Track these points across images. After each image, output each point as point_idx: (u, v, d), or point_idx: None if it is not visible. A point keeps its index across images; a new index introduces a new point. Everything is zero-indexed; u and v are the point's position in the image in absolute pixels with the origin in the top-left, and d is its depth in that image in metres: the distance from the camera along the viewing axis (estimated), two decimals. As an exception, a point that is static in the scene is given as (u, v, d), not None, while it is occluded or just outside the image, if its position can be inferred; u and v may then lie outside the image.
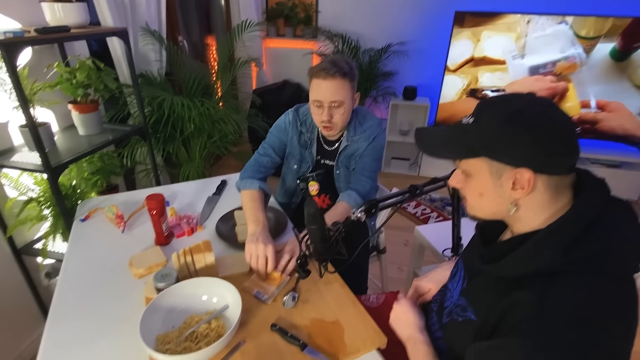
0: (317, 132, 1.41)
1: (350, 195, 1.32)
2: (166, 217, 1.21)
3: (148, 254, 1.13)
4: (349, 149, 1.39)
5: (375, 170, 1.39)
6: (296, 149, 1.44)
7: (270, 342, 0.86)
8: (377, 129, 1.38)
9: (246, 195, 1.33)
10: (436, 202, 3.17)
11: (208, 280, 0.92)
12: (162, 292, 0.87)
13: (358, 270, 1.34)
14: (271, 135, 1.47)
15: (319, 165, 1.46)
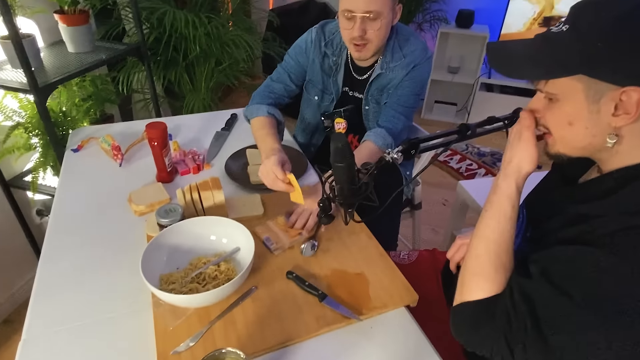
0: (346, 55, 1.37)
1: (378, 134, 1.29)
2: (169, 150, 1.23)
3: (149, 190, 1.17)
4: (382, 79, 1.35)
5: (411, 106, 1.35)
6: (318, 75, 1.41)
7: (285, 290, 0.90)
8: (421, 55, 1.32)
9: (255, 123, 1.33)
10: (485, 157, 3.11)
11: (217, 220, 0.95)
12: (166, 229, 0.91)
13: (388, 223, 1.36)
14: (288, 58, 1.44)
15: (345, 99, 1.43)
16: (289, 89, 1.44)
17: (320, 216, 0.94)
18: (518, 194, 0.75)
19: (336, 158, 0.84)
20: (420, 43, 1.33)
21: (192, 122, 1.62)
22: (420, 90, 1.36)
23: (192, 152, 1.37)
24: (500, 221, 0.73)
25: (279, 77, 1.45)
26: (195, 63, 2.21)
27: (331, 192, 0.92)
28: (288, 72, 1.43)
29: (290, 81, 1.43)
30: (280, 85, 1.44)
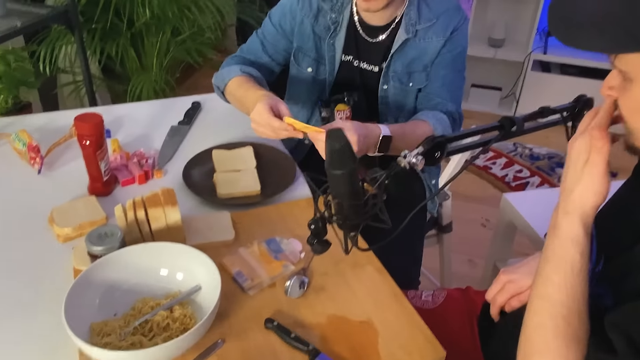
0: (350, 11, 1.40)
1: (439, 118, 1.33)
2: (106, 151, 1.23)
3: (78, 206, 1.17)
4: (409, 48, 1.38)
5: (460, 88, 1.40)
6: (309, 40, 1.44)
7: (262, 345, 0.89)
8: (458, 15, 1.36)
9: (231, 87, 1.38)
10: (541, 161, 3.14)
11: (171, 248, 0.94)
12: (100, 261, 0.90)
13: (407, 252, 1.37)
14: (266, 21, 1.48)
15: (348, 72, 1.45)
16: (261, 62, 1.47)
17: (311, 243, 0.94)
18: (587, 235, 0.75)
19: (333, 164, 0.85)
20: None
21: (139, 113, 1.63)
22: (464, 64, 1.41)
23: (138, 155, 1.38)
24: (567, 275, 0.73)
25: (249, 47, 1.48)
26: (145, 33, 2.23)
27: (327, 209, 0.92)
28: (262, 38, 1.47)
29: (262, 52, 1.46)
30: (250, 56, 1.47)
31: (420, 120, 1.33)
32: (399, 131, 1.24)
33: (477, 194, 2.86)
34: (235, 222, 1.16)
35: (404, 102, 1.43)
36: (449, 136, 0.97)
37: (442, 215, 1.70)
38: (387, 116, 1.46)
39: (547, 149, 3.24)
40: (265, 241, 1.11)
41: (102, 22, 2.18)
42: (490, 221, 2.65)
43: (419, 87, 1.41)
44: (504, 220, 1.75)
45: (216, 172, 1.33)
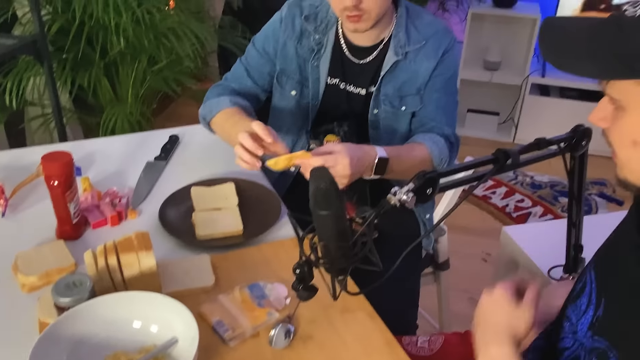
0: (335, 33, 1.43)
1: (436, 142, 1.37)
2: (76, 192, 1.23)
3: (45, 251, 1.16)
4: (400, 70, 1.41)
5: (454, 111, 1.45)
6: (292, 62, 1.47)
7: (246, 403, 0.88)
8: (447, 36, 1.41)
9: (220, 118, 1.42)
10: (543, 189, 3.16)
11: (144, 297, 0.93)
12: (68, 313, 0.89)
13: (402, 294, 1.37)
14: (250, 47, 1.52)
15: (334, 95, 1.47)
16: (246, 89, 1.50)
17: (296, 288, 0.94)
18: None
19: (318, 204, 0.85)
20: (438, 20, 1.43)
21: (113, 148, 1.63)
22: (456, 86, 1.45)
23: (111, 194, 1.37)
24: None
25: (234, 74, 1.52)
26: (119, 62, 2.25)
27: (313, 252, 0.92)
28: (246, 64, 1.50)
29: (247, 77, 1.49)
30: (235, 84, 1.50)
31: (417, 142, 1.36)
32: (395, 153, 1.26)
33: (477, 226, 2.87)
34: (215, 266, 1.15)
35: (396, 127, 1.46)
36: (441, 171, 0.98)
37: (439, 252, 1.70)
38: (378, 142, 1.47)
39: (548, 177, 3.27)
40: (248, 286, 1.10)
41: (73, 52, 2.20)
42: (491, 255, 2.65)
43: (413, 111, 1.44)
44: (505, 255, 1.75)
45: (195, 211, 1.32)
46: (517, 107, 3.62)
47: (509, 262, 1.75)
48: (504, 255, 1.76)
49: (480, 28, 3.66)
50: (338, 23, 1.42)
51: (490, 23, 3.65)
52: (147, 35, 2.13)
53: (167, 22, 2.20)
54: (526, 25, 3.55)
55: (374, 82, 1.43)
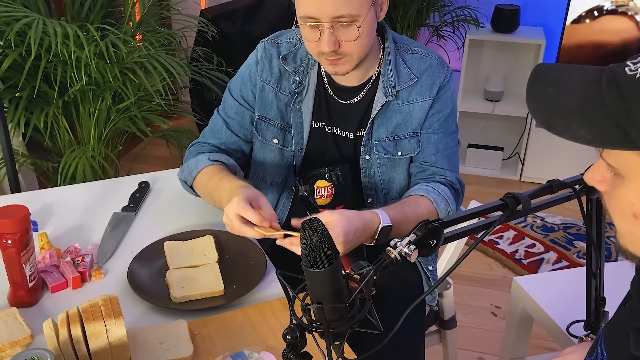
0: (317, 72, 1.45)
1: (439, 192, 1.39)
2: (32, 251, 1.22)
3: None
4: (391, 113, 1.42)
5: (456, 152, 1.47)
6: (272, 107, 1.48)
7: None
8: (440, 70, 1.43)
9: (200, 180, 1.43)
10: (556, 232, 3.18)
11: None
12: (25, 395, 0.87)
13: (405, 358, 1.35)
14: (227, 95, 1.53)
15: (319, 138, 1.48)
16: (229, 143, 1.52)
17: (287, 357, 0.93)
18: None
19: (310, 261, 0.85)
20: (431, 52, 1.45)
21: (74, 198, 1.62)
22: (456, 125, 1.47)
23: (73, 251, 1.36)
24: None
25: (212, 128, 1.53)
26: (80, 100, 2.25)
27: (305, 315, 0.91)
28: (224, 117, 1.51)
29: (228, 131, 1.50)
30: (214, 140, 1.51)
31: (420, 196, 1.36)
32: (399, 216, 1.26)
33: (484, 276, 2.88)
34: (193, 333, 1.14)
35: (392, 175, 1.46)
36: (445, 220, 0.99)
37: (444, 308, 1.69)
38: (374, 190, 1.48)
39: (561, 218, 3.30)
40: (232, 356, 1.08)
41: (27, 89, 2.20)
42: (501, 309, 2.65)
43: (410, 156, 1.45)
44: (517, 308, 1.75)
45: (169, 269, 1.31)
46: (523, 141, 3.66)
47: (522, 316, 1.75)
48: (515, 309, 1.76)
49: (480, 55, 3.74)
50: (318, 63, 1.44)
51: (490, 49, 3.73)
52: (111, 70, 2.14)
53: (134, 56, 2.22)
54: (530, 51, 3.63)
55: (363, 126, 1.44)
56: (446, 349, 1.76)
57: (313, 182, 1.46)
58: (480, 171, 3.75)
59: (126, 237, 1.46)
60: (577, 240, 3.09)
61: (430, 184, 1.40)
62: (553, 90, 0.72)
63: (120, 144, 2.56)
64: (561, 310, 1.62)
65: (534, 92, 0.75)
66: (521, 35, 3.55)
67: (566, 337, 1.50)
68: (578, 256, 2.96)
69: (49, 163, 2.38)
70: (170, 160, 2.91)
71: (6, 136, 2.04)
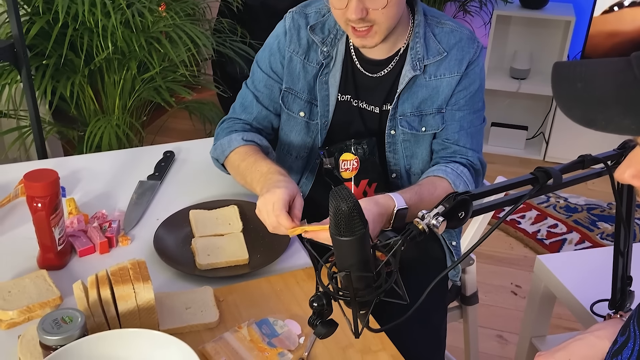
0: (345, 44, 1.44)
1: (458, 173, 1.37)
2: (61, 215, 1.23)
3: (25, 283, 1.16)
4: (418, 87, 1.41)
5: (480, 130, 1.46)
6: (300, 79, 1.47)
7: None
8: (472, 45, 1.41)
9: (233, 159, 1.43)
10: (579, 213, 3.17)
11: (144, 336, 0.93)
12: (56, 354, 0.88)
13: (427, 331, 1.36)
14: (255, 68, 1.52)
15: (345, 111, 1.48)
16: (260, 117, 1.51)
17: (313, 324, 0.94)
18: None
19: (339, 229, 0.85)
20: (461, 26, 1.43)
21: (100, 165, 1.64)
22: (482, 102, 1.46)
23: (99, 217, 1.38)
24: None
25: (242, 103, 1.52)
26: (106, 69, 2.26)
27: (331, 283, 0.92)
28: (254, 91, 1.50)
29: (258, 104, 1.50)
30: (246, 115, 1.51)
31: (438, 177, 1.35)
32: (415, 199, 1.25)
33: (505, 255, 2.87)
34: (218, 300, 1.15)
35: (416, 150, 1.46)
36: (474, 192, 0.98)
37: (466, 284, 1.69)
38: (398, 166, 1.47)
39: (585, 199, 3.27)
40: (256, 323, 1.10)
41: (54, 58, 2.21)
42: (522, 288, 2.65)
43: (434, 132, 1.44)
44: (539, 287, 1.74)
45: (194, 237, 1.33)
46: (549, 120, 3.63)
47: (544, 295, 1.75)
48: (537, 287, 1.75)
49: (507, 32, 3.69)
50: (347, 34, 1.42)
51: (517, 26, 3.68)
52: (137, 39, 2.14)
53: (160, 25, 2.22)
54: (558, 28, 3.58)
55: (390, 100, 1.43)
56: (467, 325, 1.76)
57: (339, 155, 1.46)
58: (504, 150, 3.72)
59: (152, 205, 1.48)
60: (601, 222, 3.07)
61: (449, 165, 1.39)
62: (582, 86, 0.70)
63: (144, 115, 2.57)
64: (585, 290, 1.61)
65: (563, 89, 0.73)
66: (550, 12, 3.49)
67: (589, 316, 1.50)
68: (601, 237, 2.95)
69: (75, 132, 2.40)
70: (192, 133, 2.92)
71: (34, 103, 2.06)
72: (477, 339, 1.79)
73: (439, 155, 1.44)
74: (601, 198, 3.27)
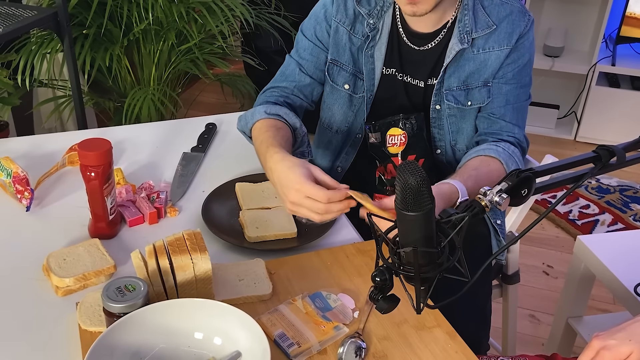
0: (392, 16, 1.42)
1: (512, 154, 1.35)
2: (113, 185, 1.25)
3: (79, 252, 1.18)
4: (465, 60, 1.40)
5: (526, 106, 1.45)
6: (345, 51, 1.46)
7: None
8: (521, 18, 1.38)
9: (254, 136, 1.39)
10: (612, 194, 3.14)
11: (207, 305, 0.94)
12: (122, 321, 0.90)
13: (474, 309, 1.36)
14: (300, 37, 1.50)
15: (389, 85, 1.46)
16: (302, 85, 1.49)
17: (375, 299, 0.94)
18: None
19: (406, 204, 0.85)
20: (514, 1, 1.40)
21: (143, 136, 1.65)
22: (530, 77, 1.45)
23: (147, 188, 1.39)
24: None
25: (285, 72, 1.50)
26: (142, 40, 2.26)
27: (394, 257, 0.92)
28: (298, 59, 1.48)
29: (302, 74, 1.48)
30: (287, 83, 1.48)
31: (491, 158, 1.32)
32: (476, 188, 1.22)
33: (536, 235, 2.86)
34: (270, 272, 1.16)
35: (461, 125, 1.45)
36: (537, 169, 0.98)
37: (509, 263, 1.69)
38: (442, 142, 1.46)
39: (617, 180, 3.24)
40: (310, 296, 1.10)
41: (93, 29, 2.21)
42: (553, 268, 2.64)
43: (479, 106, 1.42)
44: (579, 268, 1.73)
45: (242, 210, 1.33)
46: (581, 99, 3.58)
47: (584, 276, 1.74)
48: (577, 268, 1.74)
49: (541, 8, 3.63)
50: (394, 5, 1.40)
51: (553, 2, 3.62)
52: (177, 9, 2.13)
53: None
54: (595, 5, 3.51)
55: (435, 74, 1.41)
56: (506, 304, 1.76)
57: (385, 129, 1.45)
58: (534, 129, 3.67)
59: (196, 177, 1.49)
60: (634, 203, 3.04)
61: (500, 144, 1.36)
62: None
63: (179, 87, 2.57)
64: (627, 271, 1.60)
65: None
66: (586, -11, 3.44)
67: (633, 298, 1.49)
68: (634, 219, 2.92)
69: (111, 102, 2.41)
70: (224, 107, 2.91)
71: (75, 73, 2.06)
72: (515, 318, 1.79)
73: (485, 132, 1.42)
74: (634, 179, 3.24)
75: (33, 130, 2.53)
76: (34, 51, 2.14)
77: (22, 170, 1.35)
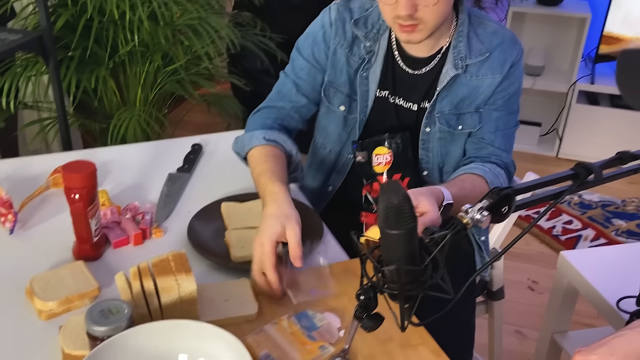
0: (387, 39, 1.43)
1: (495, 174, 1.37)
2: (98, 207, 1.24)
3: (63, 274, 1.16)
4: (459, 86, 1.41)
5: (513, 132, 1.46)
6: (342, 73, 1.46)
7: None
8: (513, 47, 1.40)
9: (250, 162, 1.39)
10: (594, 209, 3.16)
11: (190, 327, 0.93)
12: (105, 344, 0.89)
13: (458, 327, 1.36)
14: (296, 55, 1.50)
15: (381, 107, 1.47)
16: (298, 106, 1.49)
17: (360, 317, 0.94)
18: None
19: (389, 222, 0.85)
20: (503, 27, 1.43)
21: (129, 157, 1.64)
22: (518, 104, 1.45)
23: (132, 209, 1.38)
24: None
25: (281, 91, 1.50)
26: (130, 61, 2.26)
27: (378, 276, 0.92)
28: (294, 79, 1.48)
29: (298, 94, 1.48)
30: (284, 103, 1.48)
31: (476, 176, 1.35)
32: (459, 194, 1.24)
33: (521, 251, 2.87)
34: (256, 292, 1.15)
35: (450, 148, 1.45)
36: (517, 187, 0.98)
37: (493, 279, 1.69)
38: (430, 164, 1.47)
39: (599, 196, 3.27)
40: (295, 316, 1.10)
41: (78, 50, 2.20)
42: (538, 283, 2.65)
43: (470, 131, 1.44)
44: (562, 284, 1.74)
45: (228, 229, 1.32)
46: (562, 117, 3.62)
47: (567, 291, 1.74)
48: (561, 283, 1.75)
49: (522, 28, 3.68)
50: (391, 29, 1.41)
51: (533, 23, 3.66)
52: (163, 31, 2.14)
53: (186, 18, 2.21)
54: (574, 25, 3.57)
55: (428, 98, 1.42)
56: (492, 320, 1.76)
57: (372, 148, 1.45)
58: (517, 147, 3.63)
59: (182, 197, 1.48)
60: (615, 218, 3.06)
61: (487, 165, 1.39)
62: None
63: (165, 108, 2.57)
64: (609, 286, 1.60)
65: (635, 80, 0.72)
66: (566, 9, 3.47)
67: (615, 313, 1.50)
68: (616, 234, 2.94)
69: (97, 124, 2.40)
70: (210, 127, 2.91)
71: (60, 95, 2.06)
72: (501, 335, 1.79)
73: (474, 155, 1.44)
74: (615, 195, 3.27)
75: (18, 152, 2.51)
76: (19, 74, 2.14)
77: (6, 193, 1.34)
